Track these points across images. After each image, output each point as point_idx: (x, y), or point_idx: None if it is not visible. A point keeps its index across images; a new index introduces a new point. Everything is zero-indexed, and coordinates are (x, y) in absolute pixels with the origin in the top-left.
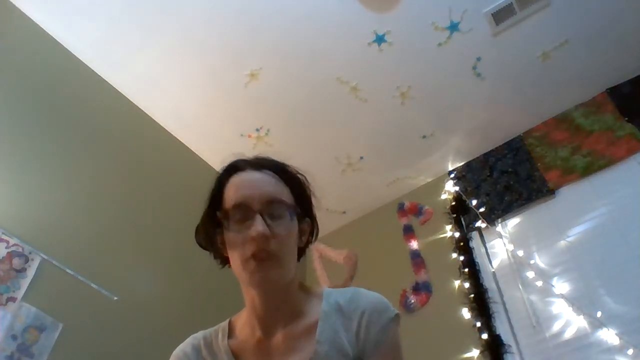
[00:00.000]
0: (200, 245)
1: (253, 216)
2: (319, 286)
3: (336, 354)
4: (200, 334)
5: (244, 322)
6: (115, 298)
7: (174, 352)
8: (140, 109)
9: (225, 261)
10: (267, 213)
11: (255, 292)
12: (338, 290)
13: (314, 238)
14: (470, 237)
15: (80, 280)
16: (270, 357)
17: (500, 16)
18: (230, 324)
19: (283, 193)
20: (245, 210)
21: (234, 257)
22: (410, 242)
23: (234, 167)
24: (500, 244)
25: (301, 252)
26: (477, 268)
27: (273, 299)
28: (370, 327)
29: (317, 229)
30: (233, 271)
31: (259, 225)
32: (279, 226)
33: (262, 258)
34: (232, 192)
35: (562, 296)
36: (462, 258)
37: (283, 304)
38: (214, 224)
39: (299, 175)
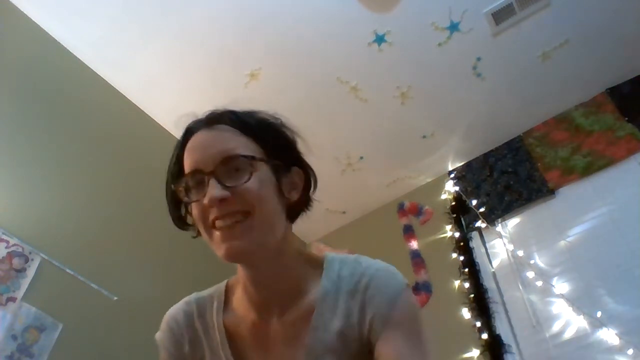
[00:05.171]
0: (181, 228)
1: (208, 180)
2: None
3: (336, 339)
4: (193, 299)
5: (240, 297)
6: (115, 298)
7: (166, 316)
8: (140, 109)
9: None
10: (223, 173)
11: (242, 269)
12: (341, 259)
13: (312, 188)
14: (470, 237)
15: (80, 280)
16: (267, 346)
17: (500, 16)
18: (227, 290)
19: (241, 145)
20: (199, 176)
21: (202, 232)
22: (410, 242)
23: (188, 131)
24: (500, 244)
25: (296, 208)
26: (477, 268)
27: (263, 275)
28: (377, 301)
29: (314, 176)
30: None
31: (211, 190)
32: (240, 183)
33: (227, 225)
34: (186, 160)
35: (562, 296)
36: (462, 258)
37: (276, 282)
38: (178, 198)
39: (267, 120)
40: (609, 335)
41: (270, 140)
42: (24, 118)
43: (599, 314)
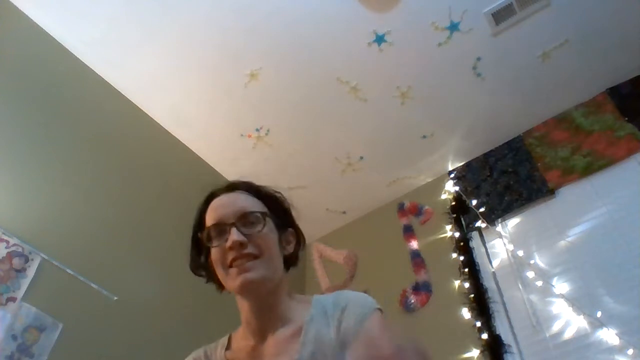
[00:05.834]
0: (195, 274)
1: (229, 230)
2: (313, 292)
3: (321, 353)
4: (201, 349)
5: (240, 334)
6: (115, 298)
7: None
8: (140, 109)
9: (221, 284)
10: (241, 225)
11: (246, 302)
12: (325, 296)
13: (301, 246)
14: (470, 237)
15: (80, 280)
16: None
17: (500, 16)
18: (230, 337)
19: (255, 205)
20: (221, 227)
21: (220, 271)
22: (410, 242)
23: (211, 195)
24: (500, 244)
25: (289, 260)
26: (477, 268)
27: (262, 305)
28: (350, 318)
29: (303, 238)
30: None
31: (233, 235)
32: (254, 232)
33: (242, 263)
34: (209, 215)
35: (562, 296)
36: (462, 258)
37: (272, 311)
38: (200, 248)
39: (273, 193)
40: (609, 335)
41: (275, 205)
42: (24, 118)
43: (599, 314)
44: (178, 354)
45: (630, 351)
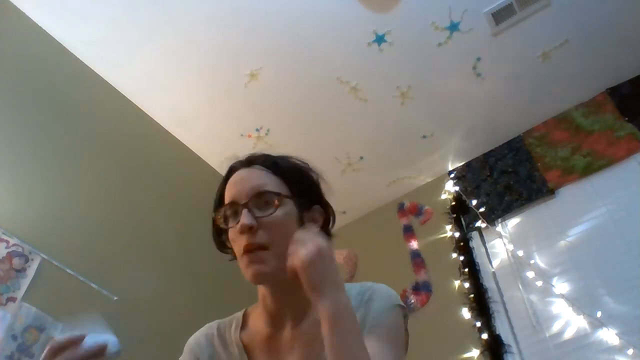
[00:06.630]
0: (219, 250)
1: (241, 210)
2: None
3: None
4: (215, 323)
5: (257, 315)
6: (115, 298)
7: (189, 341)
8: (140, 109)
9: None
10: (254, 205)
11: (264, 288)
12: (349, 285)
13: (331, 224)
14: (470, 237)
15: (80, 280)
16: (279, 353)
17: (500, 16)
18: (245, 314)
19: (271, 183)
20: (235, 207)
21: (236, 254)
22: (410, 242)
23: (230, 170)
24: (500, 244)
25: None
26: (477, 268)
27: (280, 292)
28: (372, 310)
29: (333, 214)
30: None
31: (242, 218)
32: (267, 216)
33: (251, 251)
34: (227, 193)
35: (562, 296)
36: (462, 258)
37: (292, 300)
38: (218, 227)
39: (297, 164)
40: (609, 335)
41: (297, 181)
42: (24, 118)
43: (599, 314)
44: (178, 354)
45: (630, 351)
